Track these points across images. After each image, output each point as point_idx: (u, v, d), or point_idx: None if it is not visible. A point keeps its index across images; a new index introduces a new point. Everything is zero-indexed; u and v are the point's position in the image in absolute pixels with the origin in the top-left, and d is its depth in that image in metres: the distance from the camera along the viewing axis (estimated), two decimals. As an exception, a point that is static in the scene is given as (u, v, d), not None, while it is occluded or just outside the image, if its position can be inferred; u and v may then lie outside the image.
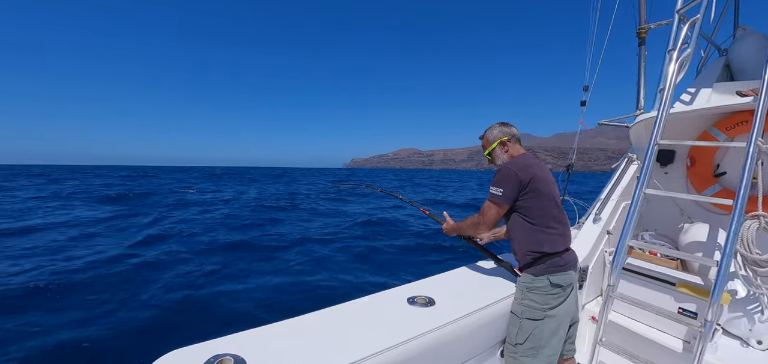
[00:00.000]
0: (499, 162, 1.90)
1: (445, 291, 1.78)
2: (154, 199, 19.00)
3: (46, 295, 5.05)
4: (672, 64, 2.05)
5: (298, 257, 7.46)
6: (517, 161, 1.78)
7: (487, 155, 1.97)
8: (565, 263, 1.72)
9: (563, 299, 1.71)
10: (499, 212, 1.76)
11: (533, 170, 1.71)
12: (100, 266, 6.36)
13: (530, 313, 1.68)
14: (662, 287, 2.18)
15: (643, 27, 2.78)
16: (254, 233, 10.13)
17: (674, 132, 2.64)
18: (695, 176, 2.74)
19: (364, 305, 1.58)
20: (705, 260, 2.00)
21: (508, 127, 1.92)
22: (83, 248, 7.77)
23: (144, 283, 5.63)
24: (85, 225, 10.72)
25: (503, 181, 1.71)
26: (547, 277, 1.68)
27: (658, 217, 2.98)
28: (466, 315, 1.57)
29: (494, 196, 1.73)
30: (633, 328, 2.24)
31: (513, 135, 1.92)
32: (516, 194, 1.71)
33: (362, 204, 17.48)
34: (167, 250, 7.67)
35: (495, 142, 1.91)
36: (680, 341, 2.09)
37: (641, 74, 2.89)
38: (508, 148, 1.90)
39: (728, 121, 2.47)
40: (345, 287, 5.75)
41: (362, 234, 10.06)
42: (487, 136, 1.96)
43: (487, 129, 1.99)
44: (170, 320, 4.44)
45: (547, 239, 1.71)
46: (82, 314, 4.47)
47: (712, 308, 1.67)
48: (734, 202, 1.76)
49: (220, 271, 6.36)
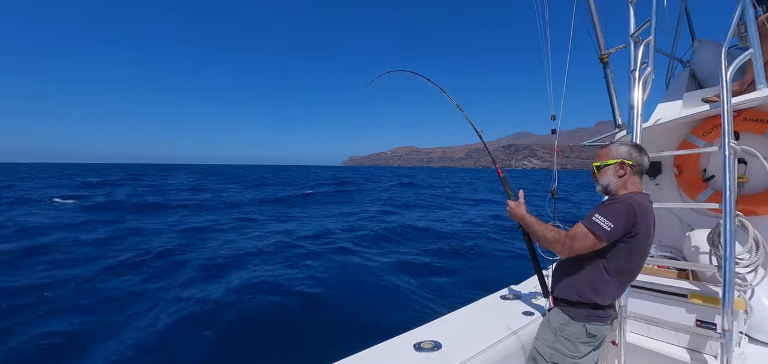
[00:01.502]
0: (605, 183, 1.61)
1: (451, 333, 1.74)
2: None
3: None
4: (636, 83, 2.17)
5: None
6: (637, 199, 1.48)
7: (594, 166, 1.65)
8: (607, 315, 1.59)
9: (593, 348, 1.60)
10: (595, 246, 1.46)
11: (647, 220, 1.47)
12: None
13: (559, 358, 1.56)
14: (675, 301, 2.12)
15: (603, 53, 2.97)
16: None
17: (656, 144, 2.71)
18: (686, 183, 2.77)
19: (368, 357, 1.55)
20: (709, 267, 1.97)
21: (641, 154, 1.58)
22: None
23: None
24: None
25: (619, 215, 1.42)
26: (585, 325, 1.54)
27: (661, 229, 2.95)
28: (475, 356, 1.54)
29: (599, 227, 1.43)
30: (654, 347, 2.14)
31: (641, 165, 1.58)
32: (622, 236, 1.43)
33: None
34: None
35: (616, 160, 1.58)
36: (705, 355, 1.99)
37: (613, 95, 3.03)
38: (627, 176, 1.57)
39: (703, 126, 2.55)
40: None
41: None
42: (611, 148, 1.63)
43: (615, 141, 1.72)
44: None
45: (608, 291, 1.52)
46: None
47: (726, 316, 1.62)
48: (722, 205, 1.77)
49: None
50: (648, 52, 2.21)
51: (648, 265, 2.42)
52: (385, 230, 12.02)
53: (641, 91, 2.16)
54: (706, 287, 2.04)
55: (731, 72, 1.87)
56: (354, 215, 16.09)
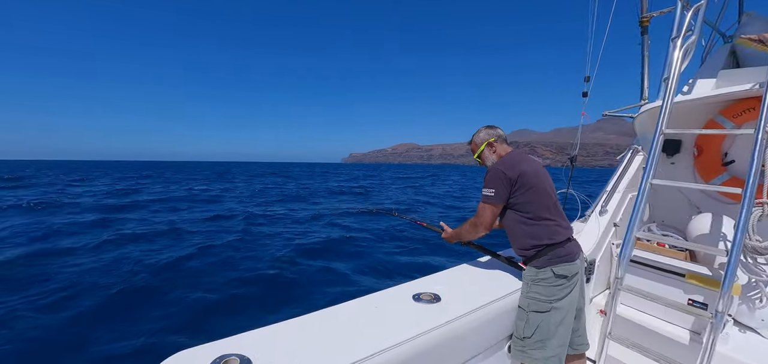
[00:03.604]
0: (489, 163, 1.94)
1: (450, 287, 1.76)
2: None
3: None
4: (676, 51, 2.02)
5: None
6: (504, 160, 1.83)
7: (476, 158, 2.03)
8: (568, 254, 1.72)
9: (569, 290, 1.70)
10: (495, 212, 1.80)
11: (521, 166, 1.75)
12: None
13: (536, 305, 1.68)
14: (671, 279, 2.15)
15: (645, 16, 2.75)
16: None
17: (680, 121, 2.60)
18: (703, 166, 2.70)
19: (369, 303, 1.57)
20: (714, 250, 1.97)
21: (493, 129, 1.99)
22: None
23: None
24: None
25: (493, 180, 1.76)
26: (551, 268, 1.69)
27: (666, 208, 2.94)
28: (473, 311, 1.56)
29: (487, 197, 1.77)
30: (642, 321, 2.21)
31: (499, 135, 1.97)
32: (507, 192, 1.74)
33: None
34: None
35: (482, 145, 1.97)
36: (690, 332, 2.06)
37: (645, 64, 2.86)
38: (496, 148, 1.96)
39: (735, 108, 2.43)
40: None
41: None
42: (474, 140, 2.02)
43: (474, 134, 2.05)
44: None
45: (545, 232, 1.73)
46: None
47: (723, 298, 1.64)
48: (744, 190, 1.73)
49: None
50: (695, 19, 2.04)
51: (649, 241, 2.43)
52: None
53: (680, 61, 2.02)
54: (704, 269, 2.06)
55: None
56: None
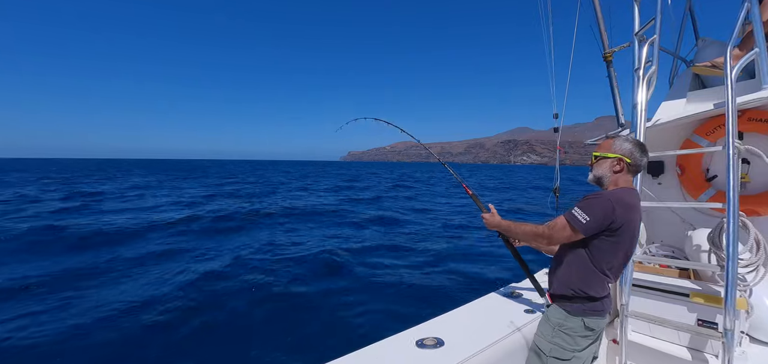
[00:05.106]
0: (599, 174, 1.63)
1: (454, 329, 1.74)
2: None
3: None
4: (640, 82, 2.16)
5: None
6: (620, 193, 1.50)
7: (594, 156, 1.67)
8: (603, 308, 1.59)
9: (592, 341, 1.61)
10: (571, 238, 1.51)
11: (631, 214, 1.48)
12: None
13: (558, 352, 1.57)
14: (677, 300, 2.13)
15: (607, 52, 2.96)
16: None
17: (659, 143, 2.71)
18: (688, 183, 2.77)
19: (369, 354, 1.55)
20: (711, 266, 1.97)
21: (642, 153, 1.60)
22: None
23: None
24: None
25: (596, 209, 1.45)
26: (582, 319, 1.56)
27: (663, 228, 2.96)
28: (478, 352, 1.54)
29: (576, 219, 1.47)
30: (656, 346, 2.15)
31: (638, 166, 1.61)
32: (600, 230, 1.46)
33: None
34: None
35: (615, 155, 1.59)
36: (707, 354, 2.00)
37: (616, 94, 3.02)
38: (622, 174, 1.59)
39: (706, 126, 2.55)
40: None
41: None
42: (615, 142, 1.63)
43: (617, 135, 1.71)
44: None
45: (600, 285, 1.54)
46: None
47: (728, 316, 1.62)
48: (726, 205, 1.77)
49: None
50: (652, 50, 2.21)
51: (650, 264, 2.43)
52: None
53: (645, 89, 2.15)
54: (707, 286, 2.04)
55: (736, 72, 1.87)
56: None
